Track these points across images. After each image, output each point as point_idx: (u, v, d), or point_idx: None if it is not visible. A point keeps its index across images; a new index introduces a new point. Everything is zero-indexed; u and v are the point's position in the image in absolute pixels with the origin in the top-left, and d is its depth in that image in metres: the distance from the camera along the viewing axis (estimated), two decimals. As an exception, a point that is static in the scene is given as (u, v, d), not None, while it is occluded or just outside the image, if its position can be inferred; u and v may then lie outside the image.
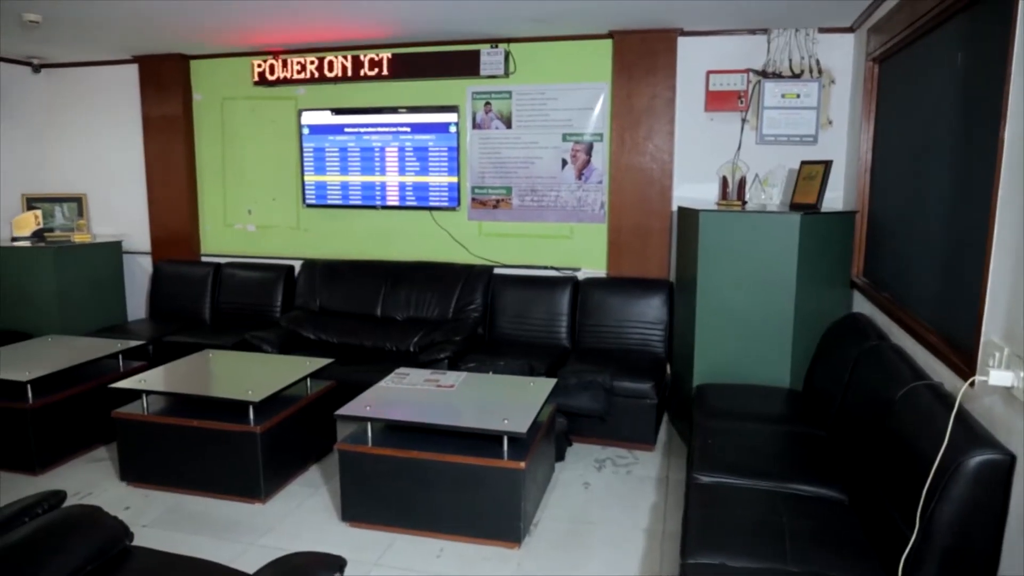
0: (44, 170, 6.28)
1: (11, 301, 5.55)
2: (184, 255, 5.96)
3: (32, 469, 3.92)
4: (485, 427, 3.14)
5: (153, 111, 5.90)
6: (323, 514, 3.51)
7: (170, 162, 5.91)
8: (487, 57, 5.07)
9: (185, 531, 3.35)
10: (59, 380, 4.08)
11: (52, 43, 5.32)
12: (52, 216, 6.08)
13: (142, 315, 6.14)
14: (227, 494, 3.62)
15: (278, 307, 5.54)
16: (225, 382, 3.98)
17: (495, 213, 5.31)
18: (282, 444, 3.68)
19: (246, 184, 5.87)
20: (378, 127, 5.40)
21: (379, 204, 5.48)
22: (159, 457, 3.70)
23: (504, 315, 5.06)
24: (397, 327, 5.05)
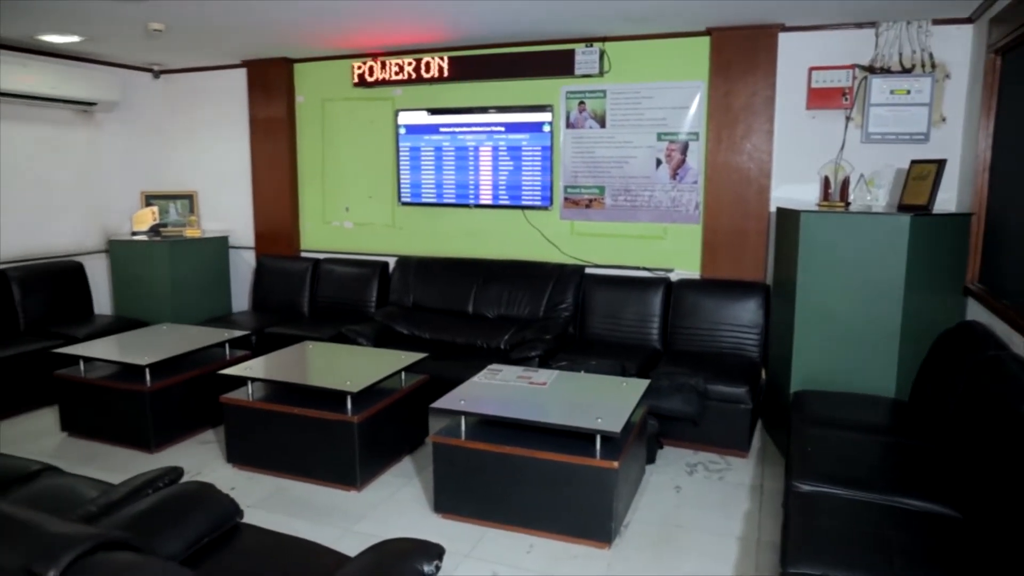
0: (161, 169, 6.68)
1: (130, 291, 5.95)
2: (285, 250, 6.23)
3: (148, 447, 4.18)
4: (578, 425, 3.14)
5: (259, 113, 6.18)
6: (415, 504, 3.59)
7: (274, 162, 6.18)
8: (582, 56, 5.07)
9: (285, 513, 3.48)
10: (173, 365, 4.33)
11: (171, 50, 5.65)
12: (167, 212, 6.46)
13: (245, 307, 6.44)
14: (324, 480, 3.76)
15: (373, 302, 5.70)
16: (324, 372, 4.12)
17: (587, 213, 5.30)
18: (377, 434, 3.79)
19: (344, 182, 6.07)
20: (472, 127, 5.48)
21: (472, 203, 5.56)
22: (262, 442, 3.87)
23: (595, 315, 5.04)
24: (488, 324, 5.11)
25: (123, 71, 6.24)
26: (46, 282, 5.57)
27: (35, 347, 4.92)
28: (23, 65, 5.28)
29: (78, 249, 6.05)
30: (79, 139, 6.02)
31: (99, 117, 6.11)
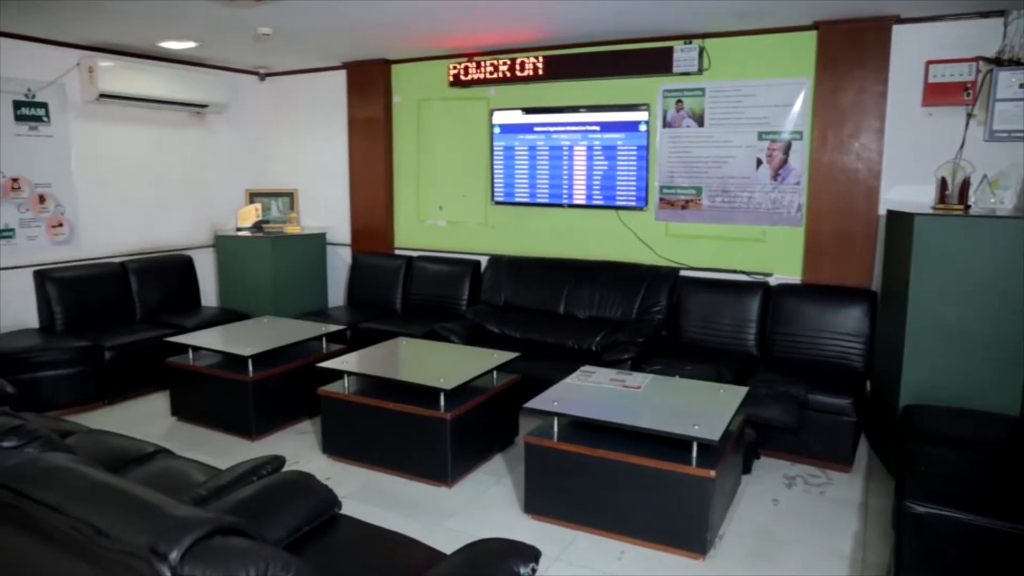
0: (264, 168, 6.96)
1: (234, 284, 6.22)
2: (379, 248, 6.37)
3: (249, 434, 4.35)
4: (675, 431, 3.05)
5: (358, 113, 6.34)
6: (506, 504, 3.59)
7: (370, 161, 6.33)
8: (680, 54, 4.95)
9: (377, 506, 3.54)
10: (274, 357, 4.49)
11: (276, 54, 5.87)
12: (269, 209, 6.71)
13: (340, 302, 6.62)
14: (416, 475, 3.81)
15: (464, 300, 5.75)
16: (417, 369, 4.17)
17: (683, 214, 5.18)
18: (469, 432, 3.81)
19: (438, 181, 6.15)
20: (567, 126, 5.44)
21: (566, 202, 5.52)
22: (356, 434, 3.96)
23: (689, 319, 4.91)
24: (579, 325, 5.07)
25: (232, 74, 6.52)
26: (159, 274, 5.89)
27: (150, 335, 5.22)
28: (144, 70, 5.61)
29: (188, 243, 6.37)
30: (191, 139, 6.34)
31: (209, 118, 6.42)
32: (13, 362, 4.59)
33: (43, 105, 5.26)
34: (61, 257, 5.43)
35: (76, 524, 1.37)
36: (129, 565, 1.27)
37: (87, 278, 5.42)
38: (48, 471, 1.53)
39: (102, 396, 4.97)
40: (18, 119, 5.13)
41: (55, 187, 5.37)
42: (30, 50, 5.15)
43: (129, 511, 1.34)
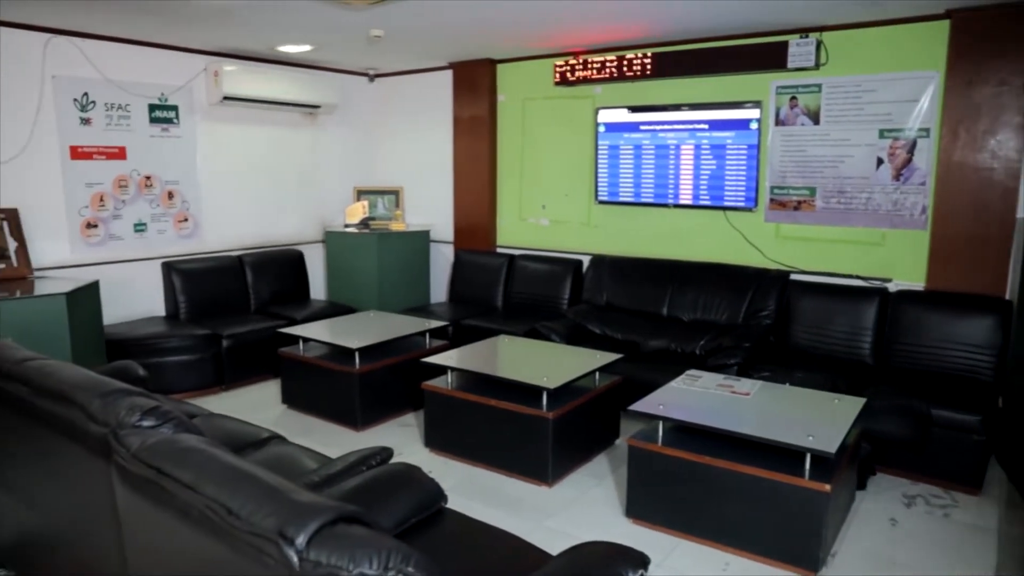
0: (371, 166, 7.17)
1: (341, 278, 6.44)
2: (482, 245, 6.43)
3: (355, 425, 4.49)
4: (788, 441, 2.92)
5: (463, 112, 6.43)
6: (606, 507, 3.55)
7: (474, 159, 6.40)
8: (796, 48, 4.75)
9: (477, 501, 3.57)
10: (379, 350, 4.61)
11: (386, 55, 6.03)
12: (375, 206, 6.91)
13: (442, 299, 6.73)
14: (516, 473, 3.82)
15: (565, 299, 5.73)
16: (520, 367, 4.17)
17: (795, 215, 4.97)
18: (570, 432, 3.79)
19: (541, 180, 6.15)
20: (674, 124, 5.32)
21: (671, 202, 5.41)
22: (458, 429, 4.01)
23: (799, 324, 4.71)
24: (683, 328, 4.95)
25: (343, 76, 6.74)
26: (272, 268, 6.16)
27: (263, 326, 5.47)
28: (263, 74, 5.88)
29: (299, 239, 6.64)
30: (304, 139, 6.60)
31: (321, 119, 6.66)
32: (143, 347, 4.91)
33: (174, 108, 5.60)
34: (186, 250, 5.78)
35: (210, 503, 1.43)
36: (258, 546, 1.32)
37: (208, 270, 5.74)
38: (184, 451, 1.62)
39: (219, 382, 5.24)
40: (152, 121, 5.48)
41: (182, 184, 5.72)
42: (163, 57, 5.49)
43: (259, 494, 1.39)
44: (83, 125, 5.13)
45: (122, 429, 1.84)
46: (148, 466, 1.62)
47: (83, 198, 5.18)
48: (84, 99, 5.11)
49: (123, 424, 1.86)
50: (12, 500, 2.63)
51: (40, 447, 2.29)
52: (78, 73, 5.05)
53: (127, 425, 1.85)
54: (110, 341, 4.86)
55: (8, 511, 2.71)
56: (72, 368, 2.31)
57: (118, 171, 5.34)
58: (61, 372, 2.25)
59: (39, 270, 4.90)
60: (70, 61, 5.01)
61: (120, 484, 1.77)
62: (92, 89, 5.14)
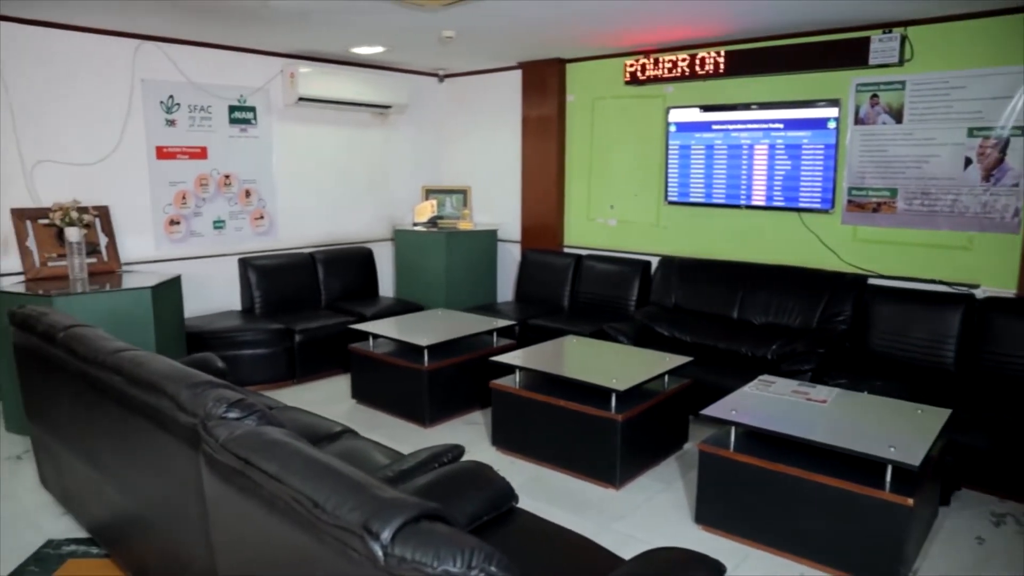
0: (440, 165, 7.25)
1: (410, 276, 6.54)
2: (549, 245, 6.42)
3: (423, 421, 4.54)
4: (869, 452, 2.82)
5: (531, 112, 6.43)
6: (674, 512, 3.50)
7: (542, 159, 6.40)
8: (878, 44, 4.58)
9: (545, 501, 3.56)
10: (447, 348, 4.65)
11: (456, 55, 6.08)
12: (443, 205, 6.98)
13: (509, 298, 6.76)
14: (583, 474, 3.80)
15: (633, 301, 5.67)
16: (588, 368, 4.14)
17: (874, 217, 4.80)
18: (639, 435, 3.75)
19: (610, 180, 6.11)
20: (747, 124, 5.21)
21: (743, 203, 5.29)
22: (525, 429, 4.02)
23: (877, 331, 4.54)
24: (754, 332, 4.84)
25: (413, 76, 6.84)
26: (342, 265, 6.30)
27: (333, 321, 5.59)
28: (337, 75, 6.01)
29: (368, 237, 6.76)
30: (374, 139, 6.72)
31: (392, 118, 6.77)
32: (221, 339, 5.08)
33: (252, 109, 5.79)
34: (261, 247, 5.96)
35: (296, 495, 1.47)
36: (343, 539, 1.35)
37: (282, 266, 5.91)
38: (270, 444, 1.66)
39: (291, 375, 5.39)
40: (232, 122, 5.68)
41: (259, 183, 5.90)
42: (243, 60, 5.68)
43: (343, 488, 1.42)
44: (168, 126, 5.34)
45: (210, 420, 1.90)
46: (236, 457, 1.67)
47: (167, 196, 5.39)
48: (169, 101, 5.32)
49: (210, 415, 1.93)
50: (105, 482, 2.76)
51: (132, 434, 2.40)
52: (164, 77, 5.27)
53: (214, 416, 1.92)
54: (189, 333, 5.05)
55: (102, 492, 2.84)
56: (161, 359, 2.41)
57: (199, 170, 5.55)
58: (152, 363, 2.35)
59: (126, 264, 5.13)
60: (157, 66, 5.22)
61: (208, 473, 1.83)
62: (177, 92, 5.35)
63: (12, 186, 4.68)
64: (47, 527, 3.33)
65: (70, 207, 4.58)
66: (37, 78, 4.70)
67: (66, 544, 3.19)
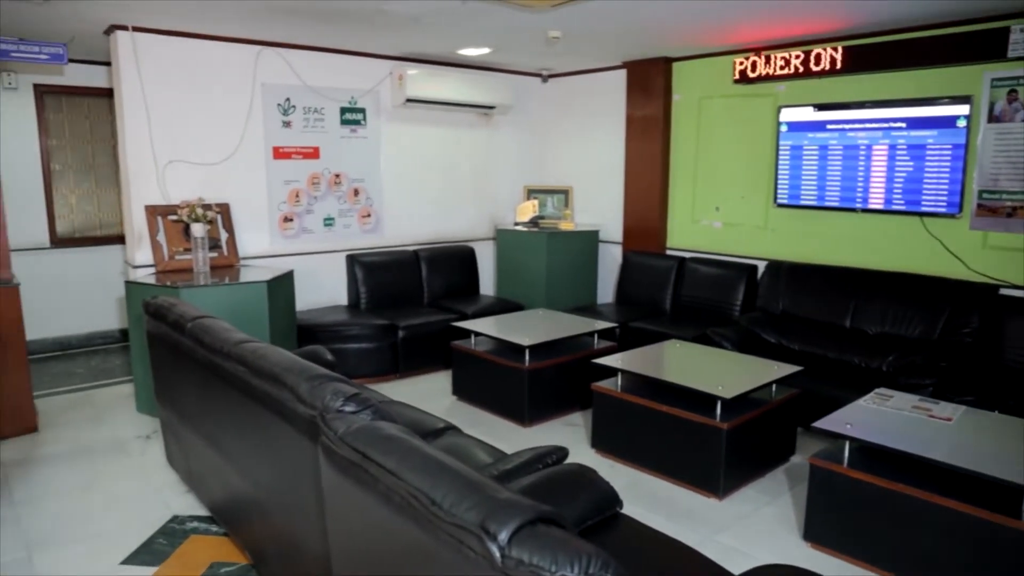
0: (542, 165, 7.26)
1: (510, 275, 6.59)
2: (651, 247, 6.32)
3: (523, 421, 4.57)
4: (1004, 477, 2.63)
5: (636, 112, 6.35)
6: (781, 526, 3.37)
7: (646, 160, 6.31)
8: (1019, 35, 4.25)
9: (644, 507, 3.51)
10: (547, 348, 4.65)
11: (560, 56, 6.08)
12: (545, 205, 7.00)
13: (609, 299, 6.70)
14: (685, 482, 3.72)
15: (737, 306, 5.51)
16: (692, 373, 4.05)
17: (1008, 223, 4.46)
18: (744, 445, 3.64)
19: (715, 182, 5.95)
20: (866, 123, 4.96)
21: (859, 207, 5.04)
22: (625, 433, 3.97)
23: (1010, 345, 4.22)
24: (868, 342, 4.60)
25: (517, 77, 6.88)
26: (445, 263, 6.42)
27: (435, 318, 5.71)
28: (444, 76, 6.13)
29: (470, 236, 6.86)
30: (478, 139, 6.81)
31: (496, 119, 6.84)
32: (328, 333, 5.28)
33: (361, 110, 5.98)
34: (368, 244, 6.15)
35: (412, 491, 1.50)
36: (459, 538, 1.37)
37: (387, 263, 6.08)
38: (387, 439, 1.71)
39: (394, 370, 5.53)
40: (343, 123, 5.89)
41: (367, 182, 6.09)
42: (354, 63, 5.87)
43: (460, 487, 1.45)
44: (284, 128, 5.59)
45: (328, 413, 1.98)
46: (354, 450, 1.73)
47: (281, 194, 5.65)
48: (286, 104, 5.57)
49: (328, 408, 2.00)
50: (226, 465, 2.91)
51: (253, 421, 2.53)
52: (282, 81, 5.52)
53: (332, 409, 1.99)
54: (300, 326, 5.27)
55: (222, 474, 3.01)
56: (281, 352, 2.52)
57: (312, 170, 5.78)
58: (273, 355, 2.46)
59: (244, 259, 5.40)
60: (276, 70, 5.48)
61: (326, 463, 1.90)
62: (293, 95, 5.59)
63: (146, 184, 5.02)
64: (173, 503, 3.56)
65: (196, 204, 4.86)
66: (171, 84, 5.02)
67: (189, 520, 3.39)
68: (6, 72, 5.93)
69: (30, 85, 6.08)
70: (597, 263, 6.72)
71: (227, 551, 3.12)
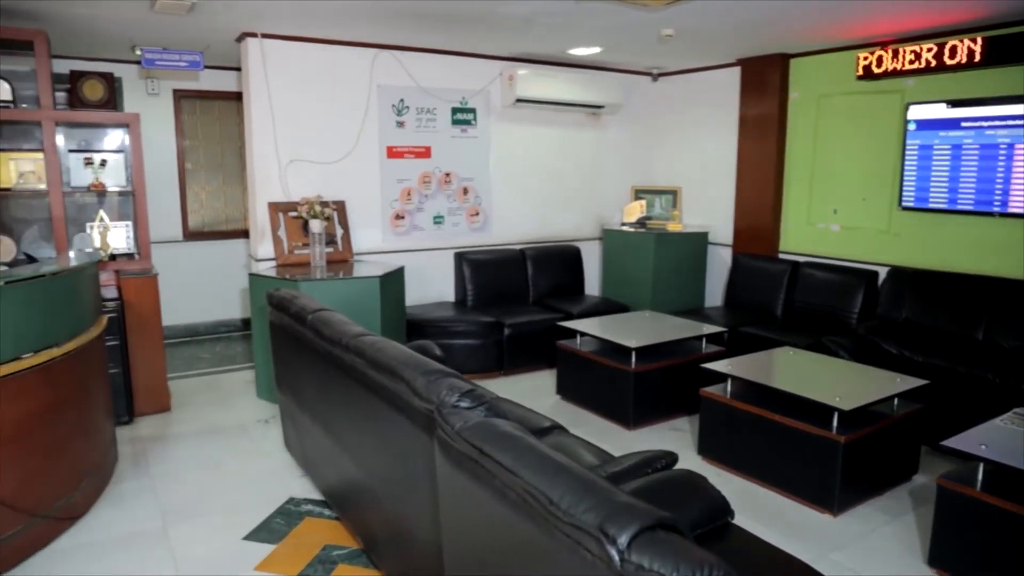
0: (650, 165, 7.16)
1: (616, 276, 6.55)
2: (763, 250, 6.12)
3: (627, 423, 4.52)
4: None
5: (750, 111, 6.16)
6: (902, 549, 3.19)
7: (759, 160, 6.10)
8: None
9: (753, 519, 3.38)
10: (653, 351, 4.59)
11: (672, 54, 5.98)
12: (652, 206, 6.90)
13: (717, 303, 6.53)
14: (797, 495, 3.58)
15: (855, 313, 5.24)
16: (807, 383, 3.88)
17: None
18: (862, 460, 3.46)
19: (834, 183, 5.69)
20: (1008, 120, 4.60)
21: (997, 210, 4.68)
22: (734, 441, 3.86)
23: None
24: (1003, 356, 4.28)
25: (627, 76, 6.81)
26: (550, 262, 6.44)
27: (541, 317, 5.74)
28: (553, 76, 6.14)
29: (576, 235, 6.85)
30: (585, 138, 6.78)
31: (604, 118, 6.80)
32: (436, 328, 5.41)
33: (472, 111, 6.08)
34: (475, 242, 6.25)
35: (529, 489, 1.52)
36: (577, 539, 1.37)
37: (494, 261, 6.16)
38: (503, 436, 1.74)
39: (499, 367, 5.60)
40: (454, 123, 6.01)
41: (476, 181, 6.19)
42: (465, 64, 5.98)
43: (577, 488, 1.45)
44: (398, 128, 5.77)
45: (444, 408, 2.02)
46: (471, 445, 1.76)
47: (394, 192, 5.83)
48: (400, 104, 5.74)
49: (444, 403, 2.05)
50: (341, 452, 3.04)
51: (369, 412, 2.62)
52: (397, 82, 5.69)
53: (447, 404, 2.04)
54: (408, 321, 5.42)
55: (337, 461, 3.14)
56: (397, 346, 2.60)
57: (423, 169, 5.93)
58: (389, 349, 2.55)
59: (357, 254, 5.61)
60: (391, 72, 5.65)
61: (441, 457, 1.95)
62: (407, 95, 5.75)
63: (269, 182, 5.30)
64: (290, 485, 3.74)
65: (315, 201, 5.09)
66: (294, 87, 5.28)
67: (304, 503, 3.56)
68: (150, 79, 6.41)
69: (170, 90, 6.55)
70: (705, 265, 6.56)
71: (339, 535, 3.26)
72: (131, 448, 4.21)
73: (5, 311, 2.95)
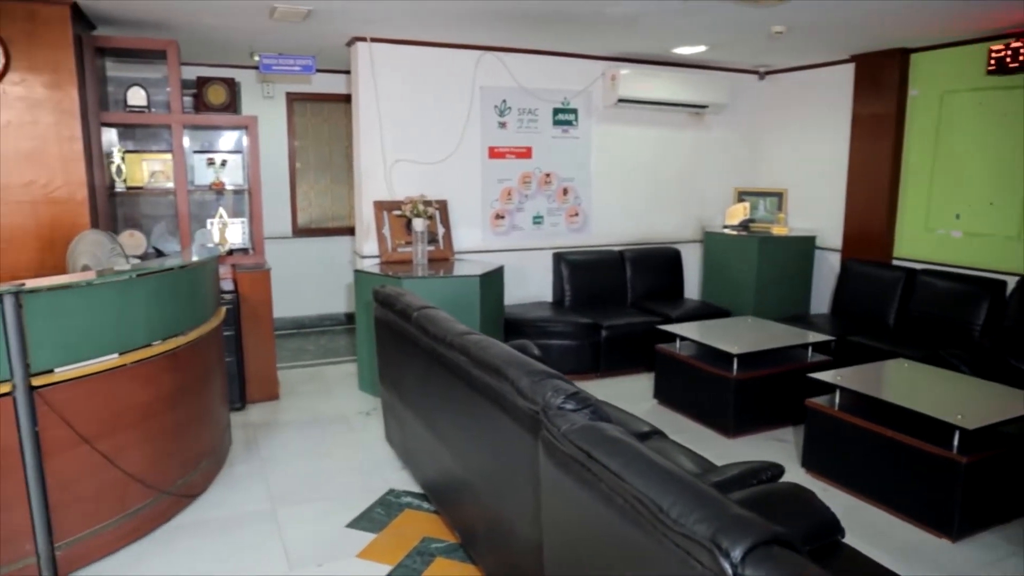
0: (754, 167, 6.95)
1: (717, 280, 6.39)
2: (875, 256, 5.82)
3: (727, 431, 4.42)
4: None
5: (864, 109, 5.87)
6: (1029, 579, 2.98)
7: (873, 161, 5.81)
8: None
9: (862, 539, 3.23)
10: (756, 358, 4.45)
11: (781, 51, 5.78)
12: (756, 208, 6.69)
13: (823, 310, 6.27)
14: (911, 517, 3.39)
15: (978, 325, 4.90)
16: (924, 398, 3.67)
17: None
18: (987, 484, 3.24)
19: (957, 185, 5.35)
20: None
21: None
22: (842, 455, 3.70)
23: None
24: None
25: (732, 75, 6.63)
26: (649, 264, 6.36)
27: (639, 320, 5.68)
28: (656, 76, 6.06)
29: (676, 237, 6.73)
30: (687, 139, 6.65)
31: (708, 119, 6.64)
32: (534, 328, 5.44)
33: (573, 111, 6.08)
34: (574, 242, 6.24)
35: (638, 495, 1.51)
36: (687, 549, 1.35)
37: (592, 263, 6.13)
38: (611, 441, 1.73)
39: (595, 369, 5.57)
40: (555, 123, 6.03)
41: (576, 181, 6.18)
42: (567, 65, 5.98)
43: (688, 497, 1.43)
44: (499, 128, 5.83)
45: (549, 409, 2.03)
46: (578, 448, 1.76)
47: (494, 192, 5.89)
48: (502, 105, 5.80)
49: (549, 404, 2.06)
50: (442, 447, 3.10)
51: (472, 409, 2.66)
52: (499, 83, 5.75)
53: (552, 406, 2.05)
54: (506, 320, 5.47)
55: (437, 456, 3.20)
56: (501, 345, 2.63)
57: (523, 169, 5.97)
58: (493, 348, 2.58)
59: (458, 253, 5.71)
60: (494, 73, 5.72)
61: (545, 458, 1.96)
62: (509, 96, 5.81)
63: (375, 181, 5.47)
64: (390, 477, 3.85)
65: (418, 201, 5.21)
66: (400, 88, 5.43)
67: (404, 495, 3.66)
68: (266, 83, 6.74)
69: (283, 93, 6.87)
70: (812, 271, 6.31)
71: (437, 528, 3.33)
72: (243, 433, 4.44)
73: (137, 301, 3.17)
